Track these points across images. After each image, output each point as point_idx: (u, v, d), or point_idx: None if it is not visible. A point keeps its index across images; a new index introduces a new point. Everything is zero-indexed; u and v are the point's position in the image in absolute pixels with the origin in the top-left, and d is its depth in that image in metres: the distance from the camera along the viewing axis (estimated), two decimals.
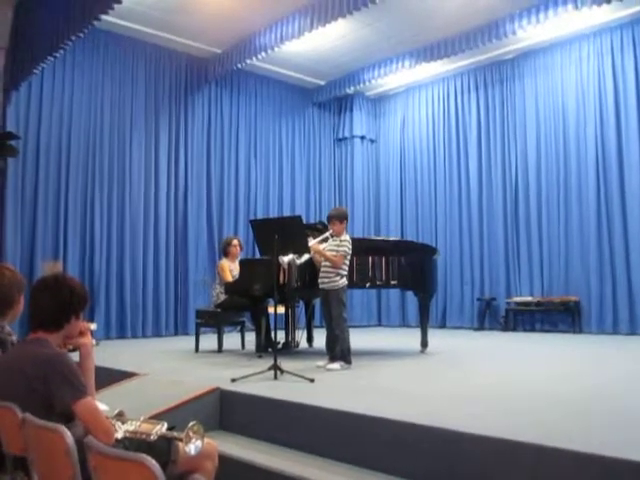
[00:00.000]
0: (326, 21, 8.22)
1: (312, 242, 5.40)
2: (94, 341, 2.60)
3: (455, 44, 9.57)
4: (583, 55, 9.75)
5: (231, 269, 7.07)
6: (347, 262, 5.52)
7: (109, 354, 6.50)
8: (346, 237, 5.53)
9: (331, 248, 5.48)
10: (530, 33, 9.44)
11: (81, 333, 2.47)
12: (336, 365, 5.36)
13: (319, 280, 5.54)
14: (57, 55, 7.83)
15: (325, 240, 5.59)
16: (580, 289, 9.45)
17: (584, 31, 9.59)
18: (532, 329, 9.95)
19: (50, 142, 8.86)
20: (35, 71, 8.14)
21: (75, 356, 2.44)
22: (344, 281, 5.48)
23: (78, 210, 9.04)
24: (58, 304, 2.32)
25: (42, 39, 7.67)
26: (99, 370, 2.57)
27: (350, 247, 5.48)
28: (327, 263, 5.45)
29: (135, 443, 2.25)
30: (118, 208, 9.44)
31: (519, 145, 10.46)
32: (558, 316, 9.67)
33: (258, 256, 7.58)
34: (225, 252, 7.36)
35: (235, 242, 7.42)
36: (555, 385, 4.53)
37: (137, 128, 9.76)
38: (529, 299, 9.90)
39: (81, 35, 7.38)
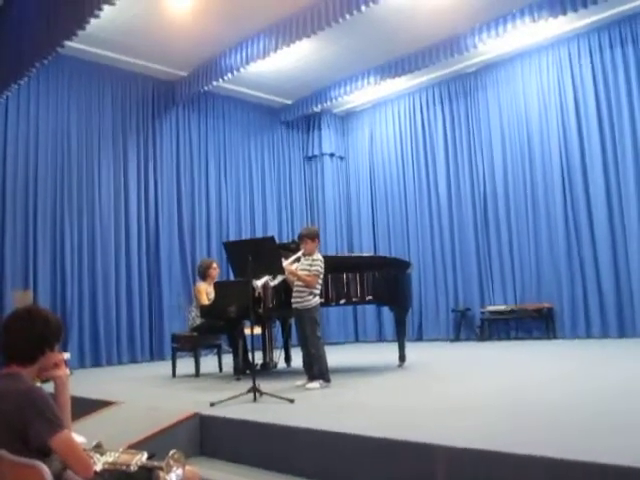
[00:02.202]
0: (290, 41, 8.33)
1: (285, 263, 5.40)
2: (67, 371, 2.55)
3: (419, 59, 9.73)
4: (543, 65, 9.99)
5: (208, 292, 7.01)
6: (320, 281, 5.53)
7: (84, 383, 6.39)
8: (318, 256, 5.53)
9: (303, 267, 5.48)
10: (490, 46, 9.63)
11: (56, 365, 2.43)
12: (315, 384, 5.34)
13: (292, 300, 5.53)
14: (21, 82, 7.76)
15: (298, 260, 5.59)
16: (552, 295, 9.59)
17: (543, 42, 9.83)
18: (507, 337, 10.05)
19: (17, 167, 8.74)
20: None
21: (49, 387, 2.40)
22: (317, 300, 5.48)
23: (47, 237, 8.91)
24: (31, 337, 2.28)
25: (6, 66, 7.61)
26: (74, 400, 2.52)
27: (323, 266, 5.48)
28: (300, 282, 5.45)
29: (115, 475, 2.21)
30: (88, 234, 9.33)
31: (485, 155, 10.63)
32: (532, 323, 9.79)
33: (232, 278, 7.55)
34: (204, 275, 7.28)
35: (215, 265, 7.38)
36: (533, 394, 4.57)
37: (105, 153, 9.69)
38: (503, 308, 10.00)
39: (45, 62, 7.33)
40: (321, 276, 5.49)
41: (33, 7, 7.12)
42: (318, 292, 5.50)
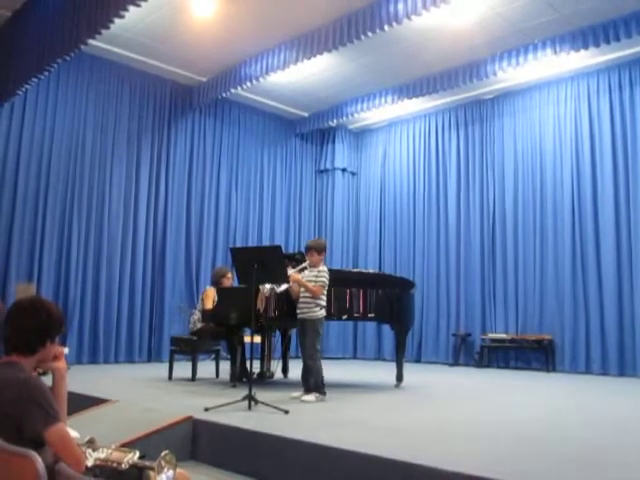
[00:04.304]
0: (311, 55, 8.37)
1: (291, 271, 5.41)
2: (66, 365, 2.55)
3: (437, 82, 9.77)
4: (561, 98, 10.00)
5: (215, 299, 7.01)
6: (325, 293, 5.53)
7: (80, 379, 6.38)
8: (324, 268, 5.55)
9: (309, 279, 5.48)
10: (510, 75, 9.68)
11: (55, 357, 2.43)
12: (311, 397, 5.33)
13: (298, 310, 5.52)
14: (41, 77, 7.82)
15: (303, 270, 5.60)
16: (554, 328, 9.53)
17: (562, 75, 9.86)
18: (506, 366, 9.99)
19: (30, 163, 8.80)
20: (19, 92, 8.13)
21: (47, 380, 2.40)
22: (323, 312, 5.48)
23: (55, 233, 8.95)
24: (34, 327, 2.29)
25: (27, 60, 7.68)
26: (70, 395, 2.52)
27: (328, 278, 5.49)
28: (307, 293, 5.45)
29: (106, 472, 2.20)
30: (96, 231, 9.36)
31: (497, 183, 10.62)
32: (532, 354, 9.73)
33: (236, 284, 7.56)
34: (217, 282, 7.27)
35: (229, 275, 7.36)
36: (525, 424, 4.54)
37: (119, 153, 9.74)
38: (504, 336, 9.95)
39: (67, 58, 7.39)
40: (326, 288, 5.50)
41: (58, 3, 7.20)
42: (324, 304, 5.50)
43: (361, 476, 3.17)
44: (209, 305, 6.97)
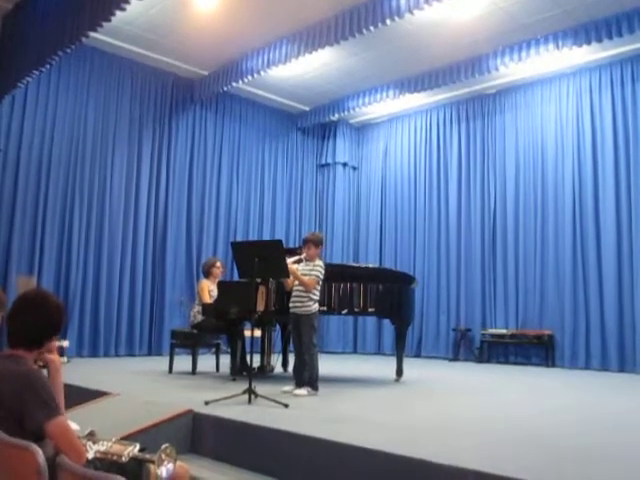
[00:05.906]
0: (313, 49, 8.35)
1: (287, 260, 5.37)
2: (65, 358, 2.56)
3: (439, 77, 9.74)
4: (562, 93, 9.98)
5: (210, 289, 7.06)
6: (319, 287, 5.50)
7: (81, 372, 6.40)
8: (319, 262, 5.52)
9: (304, 272, 5.46)
10: (512, 70, 9.65)
11: (48, 350, 2.44)
12: (303, 391, 5.31)
13: (291, 304, 5.50)
14: (43, 70, 7.80)
15: (298, 262, 5.60)
16: (554, 323, 9.54)
17: (564, 70, 9.83)
18: (506, 361, 10.00)
19: (31, 155, 8.79)
20: (20, 85, 8.11)
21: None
22: (317, 306, 5.46)
23: (56, 225, 8.95)
24: (43, 323, 2.29)
25: (29, 53, 7.66)
26: (70, 388, 2.54)
27: (323, 272, 5.47)
28: (300, 287, 5.43)
29: (106, 464, 2.21)
30: (97, 225, 9.36)
31: (498, 179, 10.61)
32: (532, 349, 9.74)
33: (236, 278, 7.56)
34: (207, 273, 7.33)
35: (218, 264, 7.43)
36: (525, 420, 4.55)
37: (120, 145, 9.73)
38: (504, 331, 9.96)
39: (68, 51, 7.37)
40: (320, 282, 5.48)
41: None
42: (317, 298, 5.48)
43: (361, 471, 3.18)
44: (206, 297, 6.98)
